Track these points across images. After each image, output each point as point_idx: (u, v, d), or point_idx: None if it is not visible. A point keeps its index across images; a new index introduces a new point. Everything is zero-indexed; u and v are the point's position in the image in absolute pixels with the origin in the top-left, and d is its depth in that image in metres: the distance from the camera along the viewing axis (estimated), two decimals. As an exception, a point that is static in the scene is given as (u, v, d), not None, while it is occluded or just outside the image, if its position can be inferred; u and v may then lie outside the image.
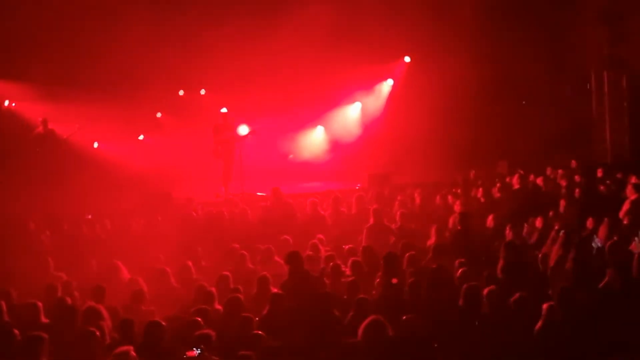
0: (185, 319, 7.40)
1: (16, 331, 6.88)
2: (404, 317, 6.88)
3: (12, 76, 16.77)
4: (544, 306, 7.01)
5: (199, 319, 7.14)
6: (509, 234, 10.11)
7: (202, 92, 18.58)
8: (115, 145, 17.67)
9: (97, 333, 6.56)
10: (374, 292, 8.34)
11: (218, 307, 8.05)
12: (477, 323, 7.19)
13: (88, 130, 16.62)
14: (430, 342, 6.63)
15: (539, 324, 6.96)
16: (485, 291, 7.39)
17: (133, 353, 5.97)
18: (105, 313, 7.49)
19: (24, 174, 15.39)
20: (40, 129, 15.75)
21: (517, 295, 7.26)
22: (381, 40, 17.49)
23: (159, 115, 18.69)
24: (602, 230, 9.76)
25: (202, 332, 6.64)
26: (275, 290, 8.41)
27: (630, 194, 11.87)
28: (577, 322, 6.91)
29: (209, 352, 6.34)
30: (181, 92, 18.58)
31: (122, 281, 9.19)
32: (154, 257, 10.16)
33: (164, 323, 6.94)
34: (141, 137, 18.23)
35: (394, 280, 8.08)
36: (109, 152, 17.56)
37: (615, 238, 8.84)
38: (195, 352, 6.23)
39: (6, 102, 17.18)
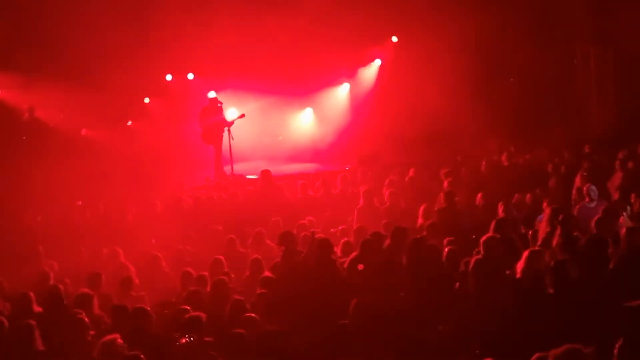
0: (176, 304, 7.42)
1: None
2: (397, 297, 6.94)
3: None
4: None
5: (188, 307, 7.10)
6: (501, 211, 10.15)
7: (190, 76, 18.48)
8: (103, 132, 17.59)
9: (86, 320, 6.58)
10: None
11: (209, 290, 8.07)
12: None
13: (75, 117, 16.52)
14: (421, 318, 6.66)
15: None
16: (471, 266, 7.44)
17: (119, 341, 5.98)
18: (96, 300, 7.50)
19: (12, 162, 15.30)
20: (26, 116, 15.66)
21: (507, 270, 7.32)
22: (368, 20, 17.41)
23: (146, 100, 18.60)
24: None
25: (191, 315, 6.64)
26: (267, 273, 8.44)
27: (619, 169, 11.96)
28: (570, 297, 6.96)
29: (200, 335, 6.35)
30: (169, 77, 18.48)
31: (114, 267, 9.19)
32: (146, 243, 10.17)
33: (148, 308, 6.95)
34: (129, 123, 18.16)
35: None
36: (98, 139, 17.47)
37: (601, 213, 8.88)
38: (186, 339, 6.24)
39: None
